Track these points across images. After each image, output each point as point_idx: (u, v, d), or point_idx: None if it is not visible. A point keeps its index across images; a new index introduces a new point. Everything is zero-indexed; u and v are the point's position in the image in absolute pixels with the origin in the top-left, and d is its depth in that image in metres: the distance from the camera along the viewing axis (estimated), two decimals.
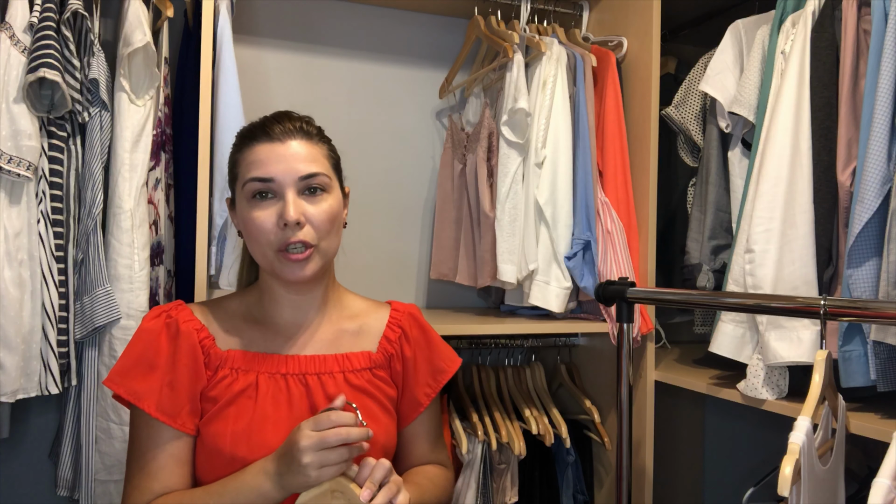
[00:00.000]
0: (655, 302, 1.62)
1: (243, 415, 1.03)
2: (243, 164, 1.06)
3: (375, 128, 2.01)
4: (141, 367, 1.04)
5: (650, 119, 1.70)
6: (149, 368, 1.03)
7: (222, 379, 1.05)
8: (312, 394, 1.07)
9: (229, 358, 1.06)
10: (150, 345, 1.05)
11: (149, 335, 1.05)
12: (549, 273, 1.68)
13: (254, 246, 1.06)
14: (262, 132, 1.07)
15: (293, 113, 1.12)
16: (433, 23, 2.06)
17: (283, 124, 1.07)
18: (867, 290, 1.21)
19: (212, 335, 1.08)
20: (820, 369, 0.99)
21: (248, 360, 1.07)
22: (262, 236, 1.04)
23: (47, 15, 1.38)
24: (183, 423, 1.03)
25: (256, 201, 1.04)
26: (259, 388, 1.05)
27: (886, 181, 1.19)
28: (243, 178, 1.05)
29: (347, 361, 1.12)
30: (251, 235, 1.05)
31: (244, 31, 1.85)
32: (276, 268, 1.05)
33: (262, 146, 1.05)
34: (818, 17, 1.37)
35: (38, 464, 1.68)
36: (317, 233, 1.05)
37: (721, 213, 1.63)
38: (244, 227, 1.07)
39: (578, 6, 1.96)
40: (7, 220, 1.36)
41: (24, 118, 1.36)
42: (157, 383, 1.03)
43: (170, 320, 1.06)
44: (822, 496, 0.95)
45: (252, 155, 1.05)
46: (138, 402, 1.02)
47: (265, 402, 1.04)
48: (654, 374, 1.69)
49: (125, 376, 1.03)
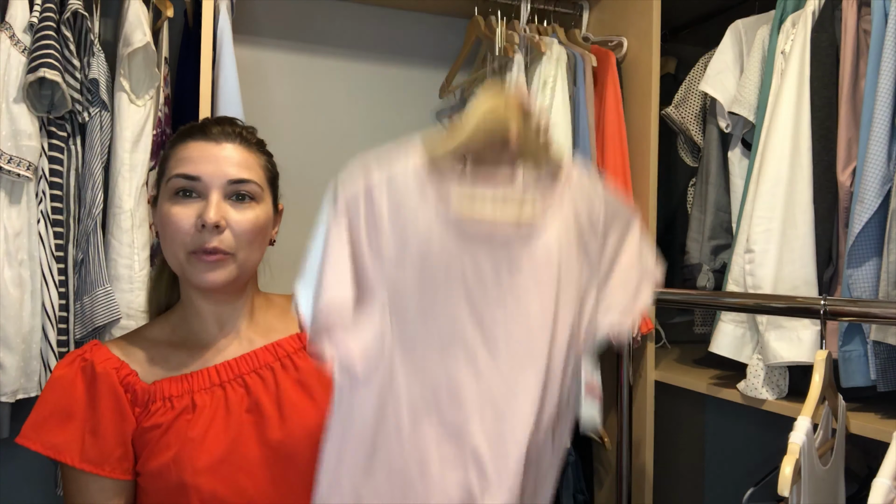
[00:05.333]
0: (655, 302, 1.62)
1: (182, 438, 0.96)
2: (172, 160, 1.00)
3: (375, 128, 2.01)
4: (56, 418, 0.95)
5: (650, 119, 1.70)
6: (65, 418, 0.95)
7: (155, 412, 0.97)
8: (252, 392, 1.01)
9: (158, 389, 0.99)
10: (65, 393, 0.96)
11: (62, 383, 0.97)
12: None
13: (167, 246, 0.99)
14: (199, 131, 1.01)
15: (238, 120, 1.08)
16: (433, 23, 2.06)
17: (223, 126, 1.02)
18: (867, 290, 1.21)
19: (133, 370, 0.99)
20: (820, 369, 0.99)
21: (180, 384, 1.00)
22: (178, 236, 0.96)
23: (47, 15, 1.38)
24: (112, 470, 0.95)
25: (178, 199, 0.97)
26: (196, 407, 0.98)
27: (886, 181, 1.19)
28: (169, 174, 0.99)
29: (279, 348, 1.06)
30: (166, 234, 0.98)
31: (244, 31, 1.84)
32: (186, 270, 0.98)
33: (195, 143, 0.99)
34: (818, 17, 1.37)
35: (38, 464, 1.67)
36: (236, 241, 0.98)
37: (721, 213, 1.63)
38: (160, 226, 0.99)
39: (578, 6, 1.96)
40: (7, 220, 1.36)
41: (24, 118, 1.36)
42: (77, 432, 0.94)
43: (84, 363, 0.98)
44: (822, 496, 0.95)
45: (183, 151, 0.99)
46: (58, 455, 0.93)
47: (203, 419, 0.97)
48: (654, 374, 1.69)
49: (40, 430, 0.94)
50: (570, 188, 0.84)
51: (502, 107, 0.79)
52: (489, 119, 0.78)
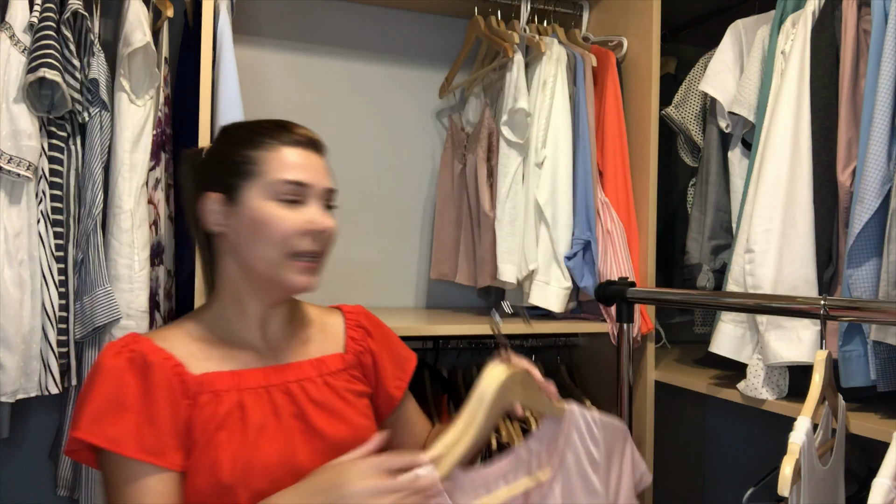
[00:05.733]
0: (655, 302, 1.62)
1: (235, 437, 0.97)
2: (274, 162, 1.01)
3: (375, 128, 2.01)
4: (112, 410, 0.93)
5: (650, 119, 1.70)
6: (121, 409, 0.93)
7: (204, 405, 0.97)
8: (298, 401, 1.04)
9: (206, 381, 0.99)
10: (118, 384, 0.94)
11: (114, 374, 0.95)
12: (549, 273, 1.68)
13: (258, 245, 1.01)
14: (287, 135, 1.04)
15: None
16: (433, 23, 2.06)
17: (309, 134, 1.07)
18: (867, 290, 1.21)
19: (181, 361, 0.98)
20: (820, 369, 0.99)
21: (227, 380, 1.00)
22: (279, 237, 1.00)
23: (47, 15, 1.38)
24: (171, 461, 0.93)
25: (283, 203, 1.01)
26: (245, 407, 0.99)
27: (886, 181, 1.19)
28: (272, 177, 1.01)
29: (323, 365, 1.10)
30: (261, 235, 1.00)
31: (244, 31, 1.84)
32: (278, 272, 1.01)
33: (292, 149, 1.03)
34: (818, 17, 1.37)
35: (38, 464, 1.68)
36: (327, 247, 1.06)
37: (721, 213, 1.63)
38: (253, 226, 1.00)
39: (578, 6, 1.96)
40: (7, 220, 1.36)
41: (24, 118, 1.36)
42: (133, 423, 0.92)
43: (133, 354, 0.96)
44: (822, 496, 0.95)
45: (283, 156, 1.02)
46: (116, 447, 0.91)
47: (254, 420, 0.99)
48: (654, 374, 1.69)
49: (97, 423, 0.91)
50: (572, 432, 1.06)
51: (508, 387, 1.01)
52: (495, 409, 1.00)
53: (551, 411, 1.07)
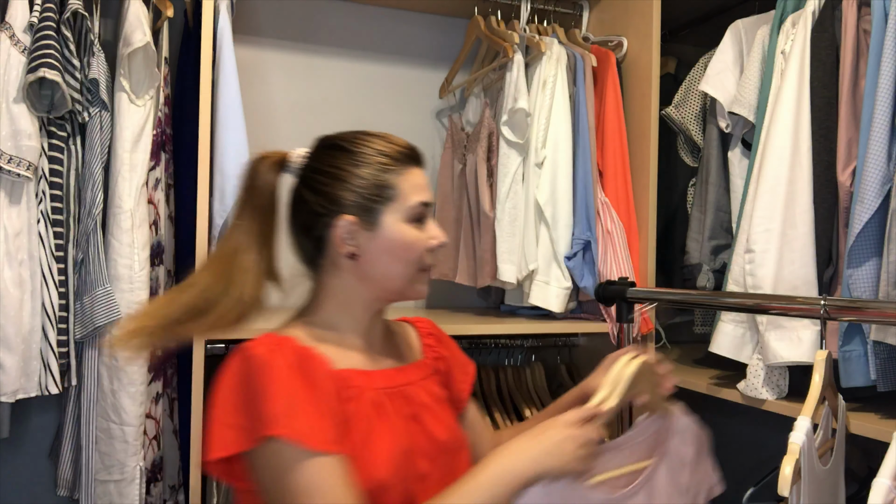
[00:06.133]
0: (655, 302, 1.62)
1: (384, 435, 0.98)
2: (406, 185, 1.05)
3: (375, 128, 1.97)
4: (295, 404, 0.92)
5: (650, 119, 1.70)
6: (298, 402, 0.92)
7: (347, 400, 0.98)
8: (412, 403, 1.06)
9: (347, 377, 1.00)
10: (289, 379, 0.93)
11: (281, 370, 0.93)
12: (549, 273, 1.68)
13: (395, 265, 1.05)
14: (414, 155, 1.09)
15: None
16: (433, 23, 2.06)
17: (417, 150, 1.11)
18: (867, 290, 1.21)
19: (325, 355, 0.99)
20: (820, 369, 0.99)
21: (362, 378, 1.03)
22: (415, 256, 1.05)
23: (47, 15, 1.38)
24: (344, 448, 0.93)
25: (415, 222, 1.06)
26: (379, 405, 1.01)
27: (886, 181, 1.19)
28: (410, 199, 1.05)
29: (418, 370, 1.13)
30: (398, 255, 1.04)
31: (244, 31, 1.84)
32: (409, 285, 1.07)
33: (417, 171, 1.08)
34: (818, 17, 1.37)
35: (38, 464, 1.68)
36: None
37: (721, 213, 1.63)
38: (391, 247, 1.04)
39: (578, 6, 1.96)
40: (7, 220, 1.36)
41: (24, 118, 1.36)
42: (312, 416, 0.92)
43: (286, 349, 0.96)
44: (822, 496, 0.95)
45: (413, 178, 1.07)
46: (305, 439, 0.89)
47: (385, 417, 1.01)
48: None
49: (290, 417, 0.90)
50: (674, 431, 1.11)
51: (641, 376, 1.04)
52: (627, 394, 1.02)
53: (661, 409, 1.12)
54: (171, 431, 1.58)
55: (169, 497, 1.58)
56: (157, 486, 1.52)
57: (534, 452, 0.95)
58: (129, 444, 1.43)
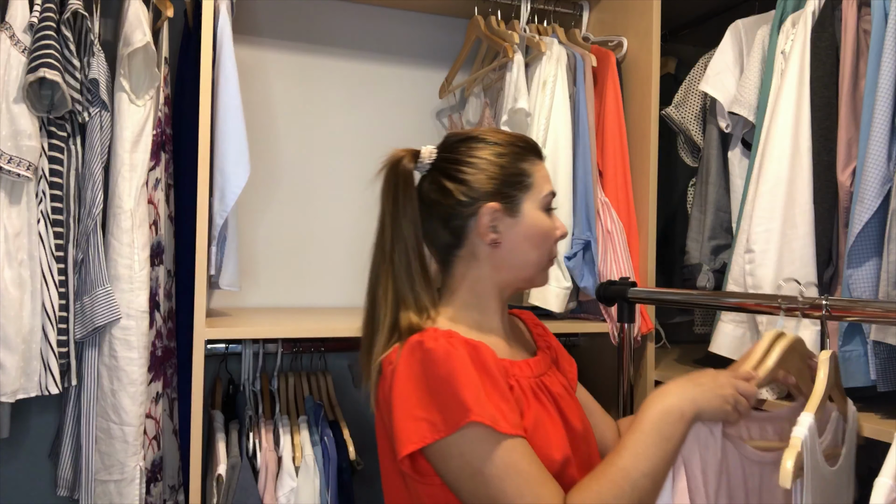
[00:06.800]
0: (656, 302, 1.62)
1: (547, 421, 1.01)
2: (537, 176, 1.09)
3: (375, 128, 2.01)
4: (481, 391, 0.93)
5: (650, 119, 1.70)
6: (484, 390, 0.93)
7: (511, 389, 0.99)
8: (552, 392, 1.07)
9: (508, 367, 1.03)
10: (467, 367, 0.94)
11: (463, 360, 0.95)
12: (549, 273, 1.68)
13: (532, 253, 1.08)
14: (538, 149, 1.12)
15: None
16: (433, 23, 2.06)
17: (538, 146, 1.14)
18: (867, 290, 1.21)
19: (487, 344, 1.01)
20: (824, 368, 0.99)
21: (517, 368, 1.05)
22: (549, 244, 1.09)
23: (47, 15, 1.38)
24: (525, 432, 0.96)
25: (546, 212, 1.09)
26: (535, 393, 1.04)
27: (886, 181, 1.19)
28: (543, 189, 1.08)
29: (544, 360, 1.14)
30: (535, 242, 1.07)
31: (244, 31, 1.85)
32: (540, 273, 1.11)
33: (542, 163, 1.11)
34: (818, 17, 1.37)
35: (38, 464, 1.68)
36: None
37: (721, 213, 1.63)
38: (530, 234, 1.07)
39: (578, 6, 1.96)
40: (7, 220, 1.36)
41: (24, 118, 1.36)
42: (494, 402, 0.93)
43: (457, 341, 0.97)
44: (827, 497, 0.94)
45: (542, 169, 1.10)
46: (496, 424, 0.90)
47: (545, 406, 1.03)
48: (654, 374, 1.69)
49: (481, 404, 0.91)
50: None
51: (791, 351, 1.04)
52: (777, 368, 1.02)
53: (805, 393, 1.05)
54: (171, 431, 1.58)
55: (169, 497, 1.58)
56: (157, 486, 1.52)
57: (694, 392, 0.97)
58: (129, 444, 1.43)
